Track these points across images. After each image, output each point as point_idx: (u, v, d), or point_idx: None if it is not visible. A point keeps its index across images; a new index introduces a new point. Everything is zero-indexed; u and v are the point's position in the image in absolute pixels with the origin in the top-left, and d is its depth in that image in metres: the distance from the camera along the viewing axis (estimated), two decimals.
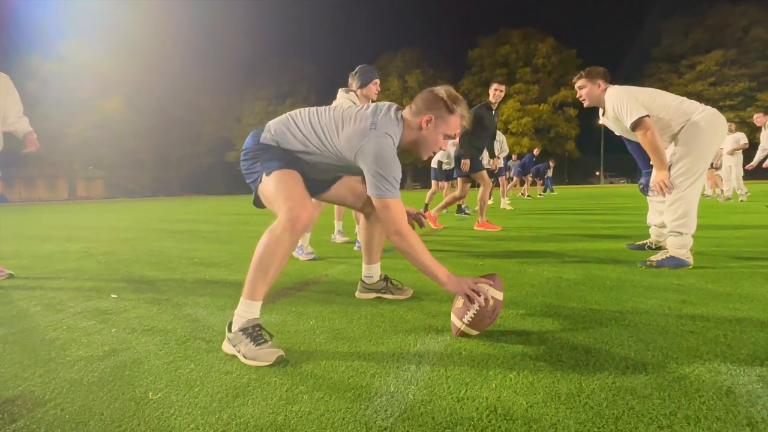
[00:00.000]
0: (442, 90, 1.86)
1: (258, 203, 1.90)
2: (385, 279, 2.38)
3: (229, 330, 1.74)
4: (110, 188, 52.60)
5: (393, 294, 2.34)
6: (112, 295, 2.57)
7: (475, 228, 5.40)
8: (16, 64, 36.07)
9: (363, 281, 2.37)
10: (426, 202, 7.07)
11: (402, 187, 36.89)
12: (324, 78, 57.74)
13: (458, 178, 5.25)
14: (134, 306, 2.33)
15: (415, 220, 2.20)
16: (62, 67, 38.90)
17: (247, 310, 1.70)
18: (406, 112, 1.88)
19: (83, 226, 8.44)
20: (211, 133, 53.24)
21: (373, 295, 2.36)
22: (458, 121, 1.85)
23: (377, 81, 3.69)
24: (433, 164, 7.82)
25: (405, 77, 50.50)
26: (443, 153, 7.40)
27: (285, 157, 1.86)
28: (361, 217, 2.31)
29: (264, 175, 1.83)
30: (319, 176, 1.98)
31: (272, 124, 1.95)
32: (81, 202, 35.55)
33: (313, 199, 2.23)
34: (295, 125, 1.89)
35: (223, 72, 52.23)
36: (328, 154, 1.85)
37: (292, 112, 1.97)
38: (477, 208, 8.62)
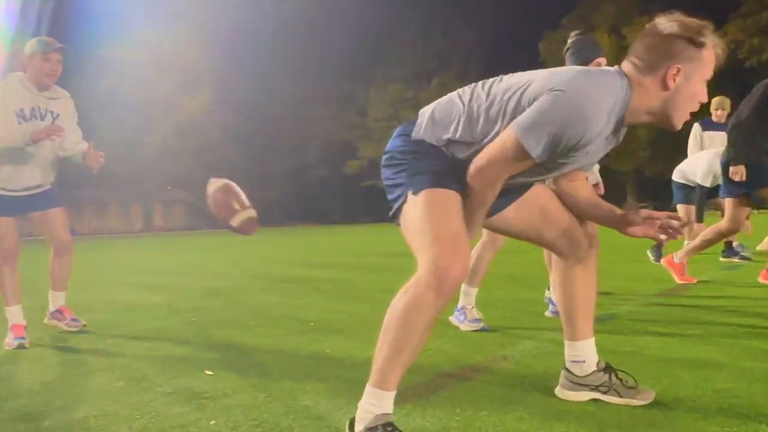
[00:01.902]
0: (670, 22, 1.88)
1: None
2: (607, 370, 2.28)
3: (351, 429, 1.82)
4: (193, 215, 59.87)
5: (621, 396, 2.23)
6: (207, 372, 2.90)
7: (761, 280, 5.16)
8: (88, 57, 43.75)
9: (569, 370, 2.31)
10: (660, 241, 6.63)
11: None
12: (490, 45, 58.76)
13: (726, 199, 5.00)
14: (235, 389, 2.59)
15: (663, 231, 2.10)
16: (141, 59, 45.96)
17: (375, 403, 1.78)
18: (629, 71, 1.93)
19: (165, 268, 9.75)
20: (325, 135, 57.56)
21: (587, 394, 2.27)
22: (712, 53, 1.88)
23: (602, 60, 3.72)
24: (676, 176, 7.26)
25: (621, 30, 48.94)
26: (697, 160, 6.86)
27: (445, 165, 1.92)
28: (557, 261, 2.30)
29: (410, 192, 1.89)
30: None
31: (429, 110, 2.06)
32: (158, 234, 41.13)
33: (484, 231, 2.26)
34: (466, 102, 1.95)
35: (338, 49, 56.18)
36: None
37: (460, 90, 2.05)
38: (764, 246, 7.80)
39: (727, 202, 4.97)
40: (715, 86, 2.31)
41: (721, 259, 7.46)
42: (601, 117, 1.80)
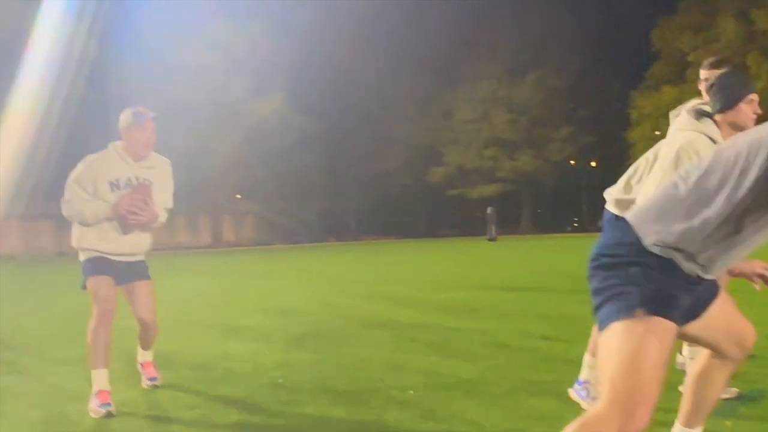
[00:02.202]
0: None
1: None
2: None
3: None
4: (264, 228, 61.26)
5: None
6: None
7: None
8: (158, 61, 45.66)
9: None
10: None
11: None
12: (594, 33, 57.31)
13: None
14: None
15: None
16: (211, 62, 47.55)
17: None
18: None
19: (239, 299, 9.94)
20: (406, 138, 57.73)
21: None
22: None
23: (754, 97, 3.52)
24: None
25: (749, 14, 46.96)
26: None
27: (666, 279, 1.88)
28: (707, 354, 2.38)
29: (614, 310, 1.86)
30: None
31: (645, 206, 2.04)
32: (228, 252, 42.28)
33: None
34: (690, 182, 1.94)
35: (421, 44, 56.16)
36: None
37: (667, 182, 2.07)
38: None
39: None
40: None
41: None
42: None
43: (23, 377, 5.08)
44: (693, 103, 3.66)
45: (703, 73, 3.89)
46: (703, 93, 3.77)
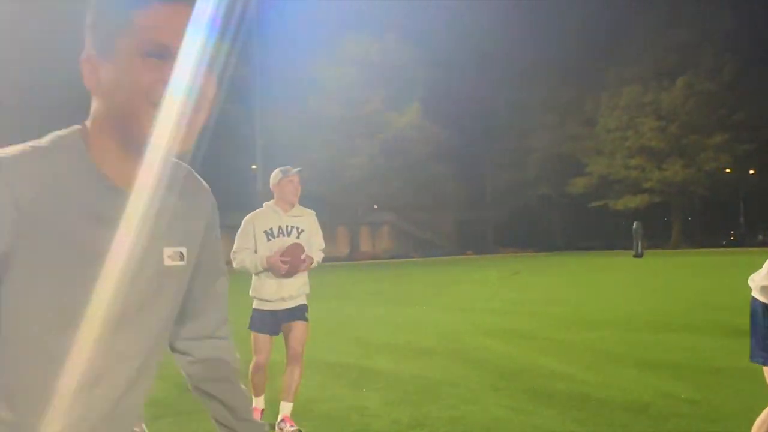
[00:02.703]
0: None
1: None
2: None
3: None
4: (400, 239, 61.82)
5: None
6: None
7: None
8: (299, 76, 47.26)
9: None
10: None
11: None
12: (751, 32, 53.45)
13: None
14: None
15: None
16: (348, 75, 48.74)
17: None
18: None
19: (373, 332, 9.82)
20: (545, 147, 56.41)
21: None
22: None
23: None
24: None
25: None
26: None
27: None
28: None
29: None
30: None
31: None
32: (365, 263, 42.90)
33: None
34: None
35: (562, 48, 54.73)
36: None
37: None
38: None
39: None
40: None
41: None
42: None
43: None
44: None
45: None
46: None
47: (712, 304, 12.15)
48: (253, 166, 48.78)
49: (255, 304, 4.77)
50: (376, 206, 58.97)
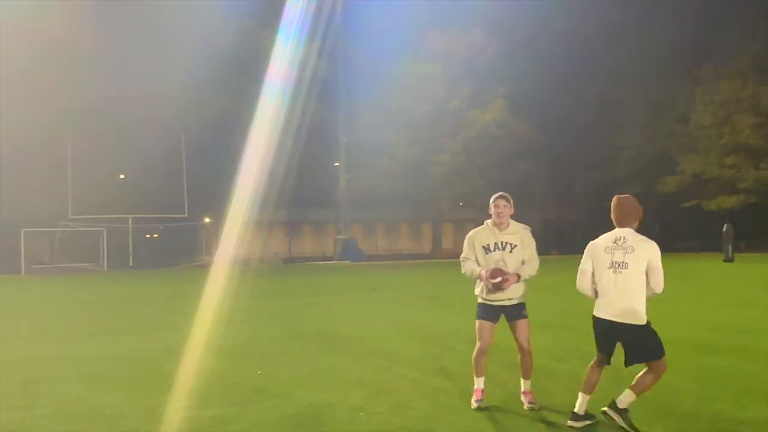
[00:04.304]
0: None
1: None
2: None
3: None
4: None
5: None
6: None
7: None
8: (383, 74, 48.52)
9: None
10: None
11: None
12: None
13: None
14: None
15: None
16: (432, 70, 49.67)
17: None
18: None
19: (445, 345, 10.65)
20: (636, 145, 55.54)
21: None
22: None
23: None
24: None
25: None
26: None
27: None
28: None
29: None
30: None
31: None
32: (447, 264, 43.67)
33: None
34: None
35: (654, 40, 53.31)
36: None
37: None
38: None
39: None
40: None
41: None
42: None
43: None
44: None
45: None
46: None
47: None
48: (336, 164, 50.52)
49: (479, 300, 5.90)
50: (461, 203, 59.55)
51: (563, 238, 59.93)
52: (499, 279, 5.55)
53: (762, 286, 18.94)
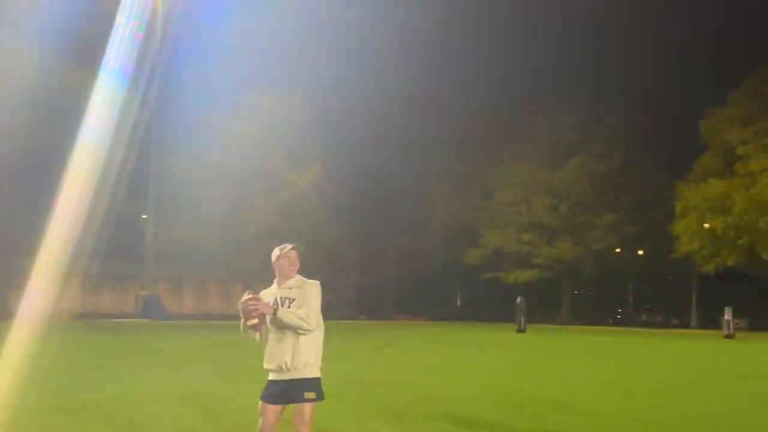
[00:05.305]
0: None
1: None
2: None
3: None
4: None
5: None
6: None
7: None
8: (200, 129, 48.16)
9: None
10: None
11: None
12: (641, 120, 58.21)
13: None
14: None
15: None
16: (250, 131, 49.76)
17: None
18: None
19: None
20: (444, 216, 58.76)
21: None
22: None
23: None
24: None
25: None
26: None
27: None
28: None
29: None
30: None
31: None
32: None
33: None
34: None
35: (465, 120, 57.66)
36: None
37: None
38: None
39: None
40: None
41: None
42: None
43: None
44: None
45: None
46: None
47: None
48: (144, 216, 48.86)
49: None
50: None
51: (376, 303, 61.31)
52: (246, 297, 4.65)
53: (541, 357, 20.59)
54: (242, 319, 4.60)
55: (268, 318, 4.63)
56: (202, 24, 47.72)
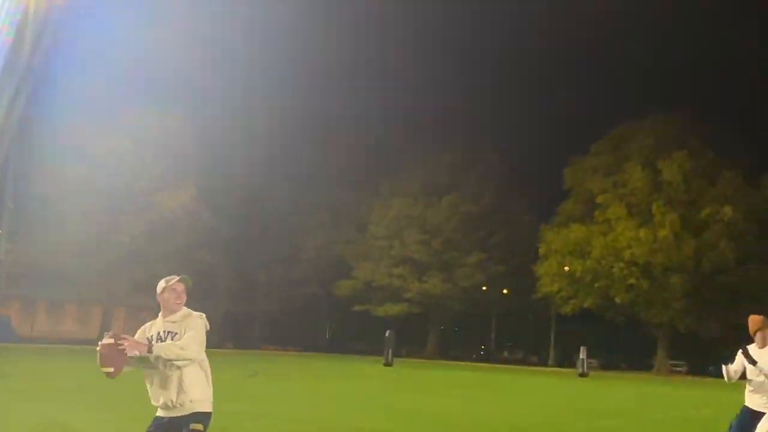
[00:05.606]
0: None
1: None
2: None
3: None
4: None
5: None
6: None
7: None
8: (63, 139, 45.60)
9: None
10: None
11: None
12: (509, 166, 60.79)
13: None
14: None
15: None
16: (118, 146, 47.55)
17: None
18: None
19: None
20: (317, 247, 58.69)
21: None
22: None
23: None
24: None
25: (656, 164, 50.25)
26: None
27: None
28: None
29: None
30: None
31: None
32: None
33: None
34: None
35: (342, 153, 58.24)
36: None
37: None
38: None
39: None
40: None
41: None
42: None
43: None
44: None
45: None
46: None
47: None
48: None
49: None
50: (137, 289, 56.88)
51: (242, 332, 60.26)
52: (107, 341, 4.38)
53: (407, 392, 20.79)
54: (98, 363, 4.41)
55: (135, 359, 4.45)
56: (80, 32, 45.56)
